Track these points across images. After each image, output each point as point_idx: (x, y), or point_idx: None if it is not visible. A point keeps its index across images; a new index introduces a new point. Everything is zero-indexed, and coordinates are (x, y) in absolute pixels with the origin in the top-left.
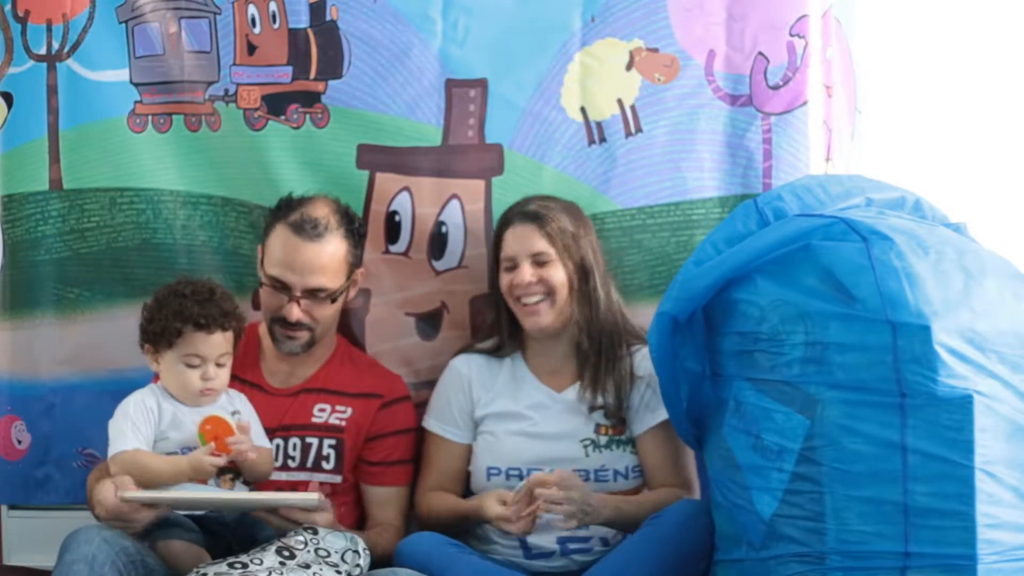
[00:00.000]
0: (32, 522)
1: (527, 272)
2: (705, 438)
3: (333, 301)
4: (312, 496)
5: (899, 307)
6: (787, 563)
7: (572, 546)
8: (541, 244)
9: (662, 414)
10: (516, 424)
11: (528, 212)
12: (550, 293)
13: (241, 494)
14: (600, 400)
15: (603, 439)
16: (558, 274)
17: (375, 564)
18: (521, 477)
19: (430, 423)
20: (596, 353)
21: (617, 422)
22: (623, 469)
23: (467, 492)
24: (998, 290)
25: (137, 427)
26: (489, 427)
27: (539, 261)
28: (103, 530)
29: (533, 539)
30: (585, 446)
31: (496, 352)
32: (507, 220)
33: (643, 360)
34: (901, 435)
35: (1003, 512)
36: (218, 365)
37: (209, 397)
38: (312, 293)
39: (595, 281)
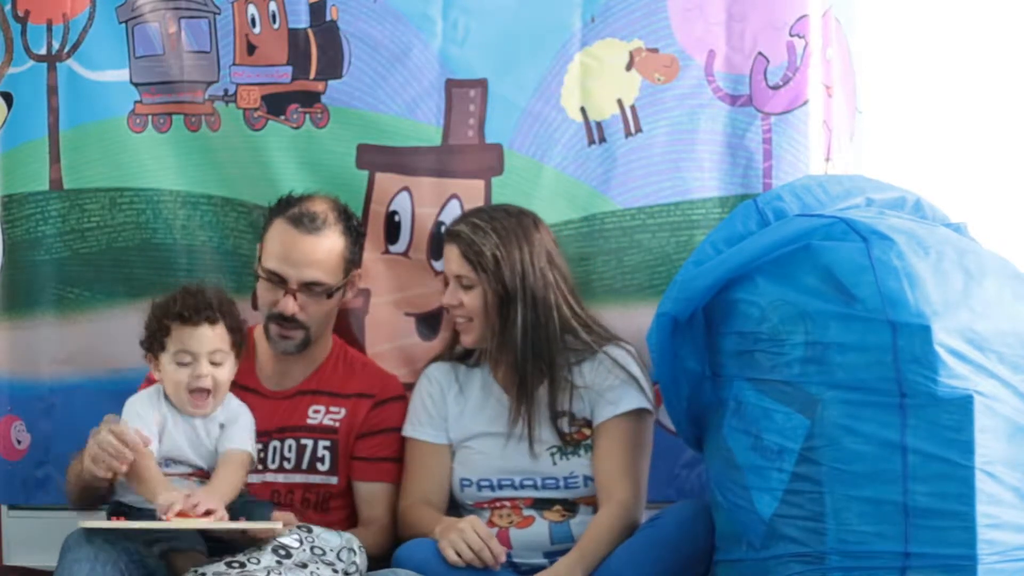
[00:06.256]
0: (32, 522)
1: (450, 294)
2: (705, 438)
3: (329, 297)
4: (275, 524)
5: (899, 307)
6: (787, 563)
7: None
8: (462, 268)
9: (602, 415)
10: (486, 436)
11: (453, 232)
12: (469, 317)
13: (206, 523)
14: (557, 408)
15: (568, 447)
16: (475, 299)
17: (371, 564)
18: (492, 488)
19: (406, 429)
20: (523, 371)
21: (582, 425)
22: (593, 474)
23: (453, 500)
24: (998, 290)
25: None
26: (463, 439)
27: (462, 284)
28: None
29: (519, 557)
30: (552, 454)
31: (466, 360)
32: (444, 236)
33: (599, 366)
34: (901, 435)
35: (1003, 512)
36: (212, 363)
37: (201, 402)
38: (308, 287)
39: (518, 308)
